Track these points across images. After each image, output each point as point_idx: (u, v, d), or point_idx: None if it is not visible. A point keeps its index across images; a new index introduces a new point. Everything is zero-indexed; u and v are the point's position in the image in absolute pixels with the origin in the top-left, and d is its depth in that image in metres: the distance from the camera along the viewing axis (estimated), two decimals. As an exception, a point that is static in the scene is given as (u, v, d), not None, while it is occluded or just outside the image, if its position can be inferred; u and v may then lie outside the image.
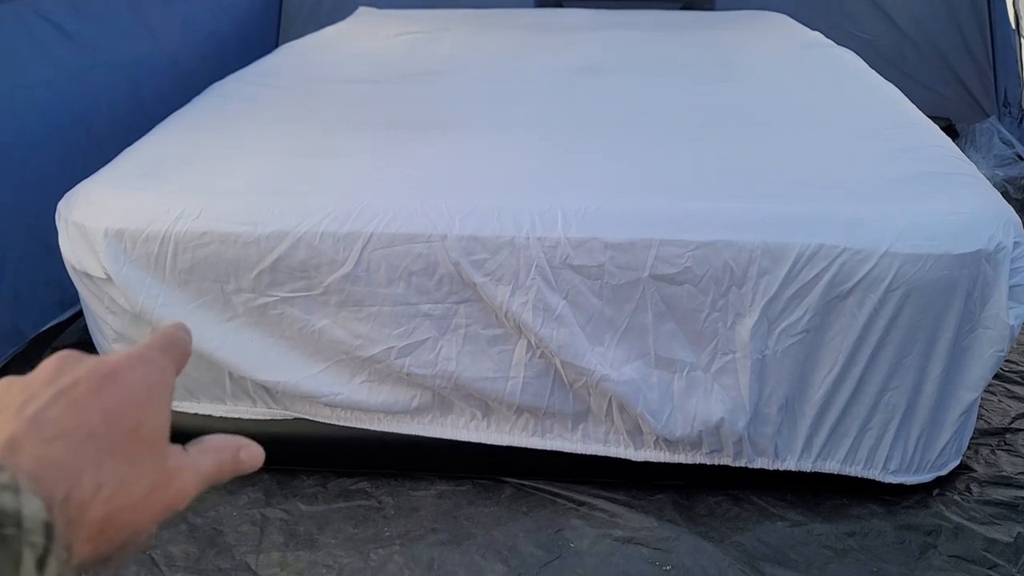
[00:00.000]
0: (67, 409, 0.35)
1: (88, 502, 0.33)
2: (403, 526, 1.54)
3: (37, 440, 0.33)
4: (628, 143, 1.68)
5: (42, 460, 0.33)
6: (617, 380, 1.46)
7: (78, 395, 0.35)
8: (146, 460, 0.36)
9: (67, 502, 0.32)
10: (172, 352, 0.41)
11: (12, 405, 0.35)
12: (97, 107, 1.97)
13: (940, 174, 1.52)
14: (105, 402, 0.35)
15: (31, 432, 0.33)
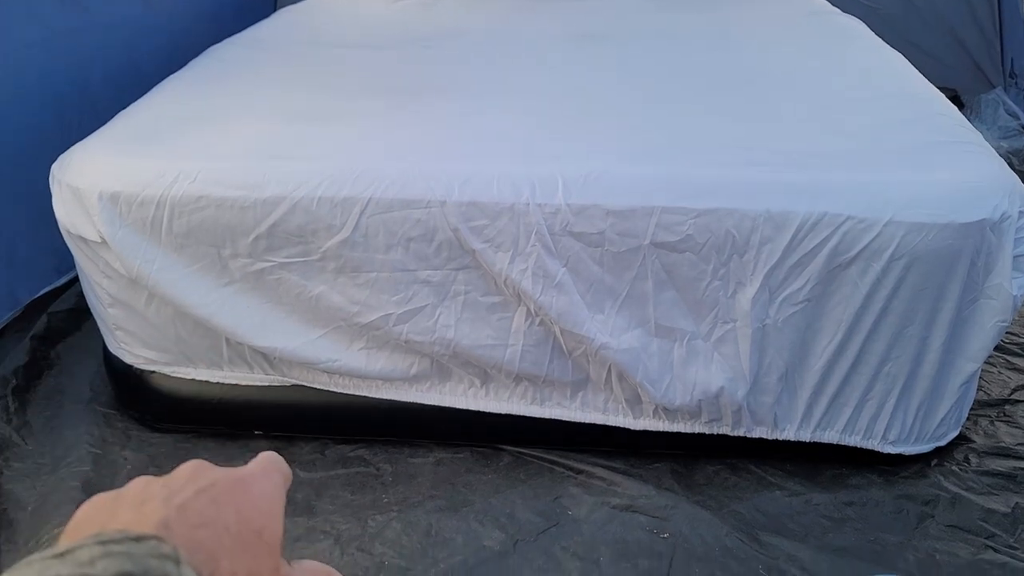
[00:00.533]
0: (208, 504, 0.38)
1: None
2: (401, 493, 1.54)
3: (185, 525, 0.37)
4: (630, 110, 1.66)
5: (190, 542, 0.36)
6: (617, 348, 1.45)
7: (216, 494, 0.39)
8: (267, 561, 0.39)
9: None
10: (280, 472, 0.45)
11: (158, 496, 0.38)
12: (91, 68, 1.95)
13: (945, 143, 1.50)
14: (238, 504, 0.39)
15: (180, 518, 0.37)
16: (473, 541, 1.44)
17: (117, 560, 0.31)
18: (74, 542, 0.33)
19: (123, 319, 1.58)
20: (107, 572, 0.31)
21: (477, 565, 1.40)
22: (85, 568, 0.31)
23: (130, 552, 0.32)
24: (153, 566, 0.32)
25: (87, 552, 0.32)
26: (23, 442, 1.68)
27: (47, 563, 0.31)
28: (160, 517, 0.37)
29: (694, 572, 1.38)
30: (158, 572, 0.32)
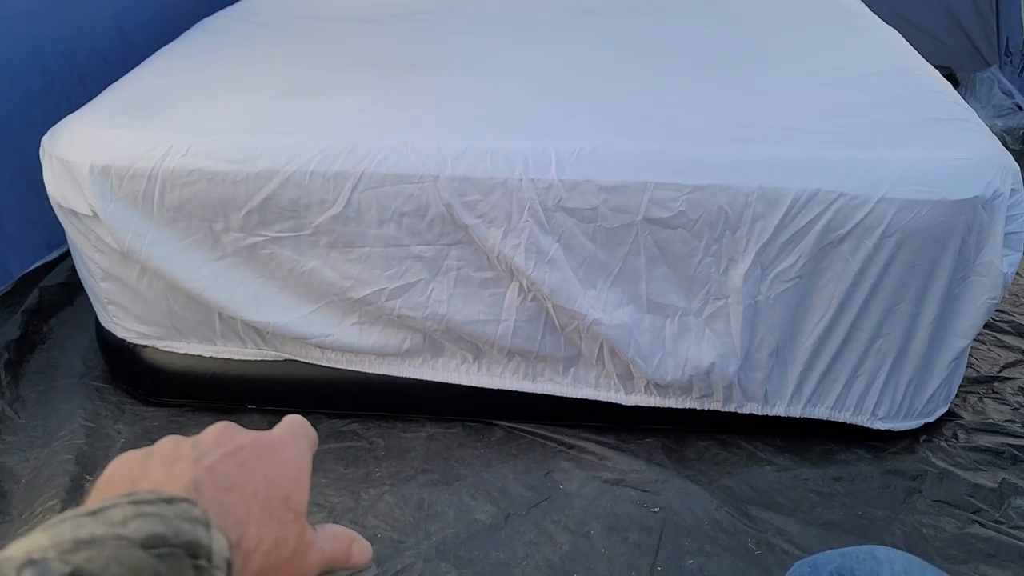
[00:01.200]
0: (237, 468, 0.38)
1: (252, 552, 0.36)
2: (393, 467, 1.55)
3: (214, 488, 0.37)
4: (623, 85, 1.65)
5: (219, 507, 0.36)
6: (609, 324, 1.45)
7: (245, 458, 0.39)
8: (293, 527, 0.39)
9: (238, 548, 0.36)
10: (307, 438, 0.45)
11: (188, 457, 0.38)
12: (79, 40, 1.93)
13: (939, 120, 1.50)
14: (266, 469, 0.39)
15: (209, 481, 0.37)
16: (465, 515, 1.45)
17: (149, 521, 0.32)
18: (107, 500, 0.33)
19: (115, 293, 1.57)
20: (139, 533, 0.31)
21: (469, 538, 1.41)
22: (117, 528, 0.31)
23: (162, 514, 0.32)
24: (184, 529, 0.32)
25: (120, 512, 0.32)
26: (16, 416, 1.68)
27: (80, 520, 0.31)
28: (190, 478, 0.37)
29: (684, 546, 1.40)
30: (189, 535, 0.32)
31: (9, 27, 1.81)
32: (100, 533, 0.31)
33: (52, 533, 0.31)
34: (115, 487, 0.38)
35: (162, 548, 0.31)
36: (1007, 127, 2.65)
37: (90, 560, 0.29)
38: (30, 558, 0.29)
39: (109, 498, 0.34)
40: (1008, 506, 1.47)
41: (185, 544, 0.32)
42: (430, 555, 1.38)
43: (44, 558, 0.29)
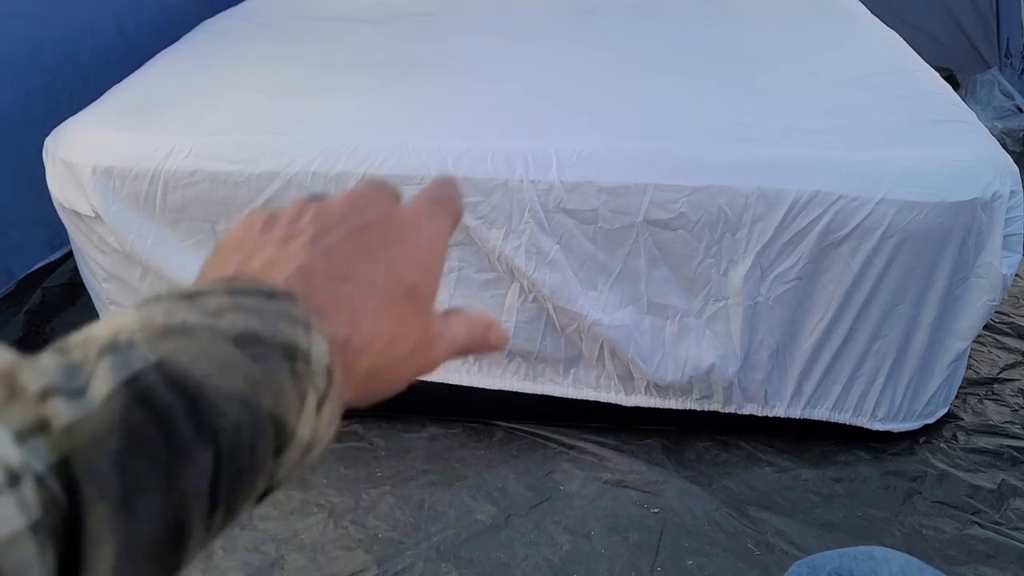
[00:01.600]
0: (358, 252, 0.34)
1: (362, 352, 0.32)
2: (394, 467, 1.56)
3: (327, 275, 0.33)
4: (624, 86, 1.66)
5: (333, 298, 0.32)
6: (609, 325, 1.45)
7: (370, 241, 0.34)
8: (415, 321, 0.35)
9: (347, 346, 0.32)
10: (451, 213, 0.39)
11: (306, 232, 0.34)
12: (81, 41, 1.93)
13: (938, 121, 1.50)
14: (392, 255, 0.34)
15: (323, 265, 0.33)
16: (466, 515, 1.46)
17: (245, 316, 0.29)
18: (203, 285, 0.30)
19: (117, 294, 1.58)
20: (233, 328, 0.28)
21: (469, 539, 1.41)
22: (211, 319, 0.28)
23: (259, 309, 0.29)
24: (282, 329, 0.29)
25: (216, 300, 0.29)
26: (18, 416, 1.69)
27: (174, 304, 0.29)
28: (302, 261, 0.33)
29: (684, 546, 1.40)
30: (286, 336, 0.29)
31: (10, 27, 1.81)
32: (193, 322, 0.28)
33: (144, 314, 0.28)
34: (228, 257, 0.34)
35: (256, 347, 0.28)
36: (1007, 129, 2.65)
37: (178, 351, 0.26)
38: (115, 341, 0.26)
39: (206, 282, 0.31)
40: (1007, 507, 1.47)
41: (282, 346, 0.29)
42: (431, 555, 1.38)
43: (130, 342, 0.26)
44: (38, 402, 0.23)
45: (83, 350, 0.26)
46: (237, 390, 0.27)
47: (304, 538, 1.41)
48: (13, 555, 0.20)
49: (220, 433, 0.26)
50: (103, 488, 0.23)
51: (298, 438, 0.29)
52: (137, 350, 0.26)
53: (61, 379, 0.24)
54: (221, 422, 0.26)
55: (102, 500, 0.23)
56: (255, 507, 0.30)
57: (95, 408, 0.23)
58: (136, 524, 0.23)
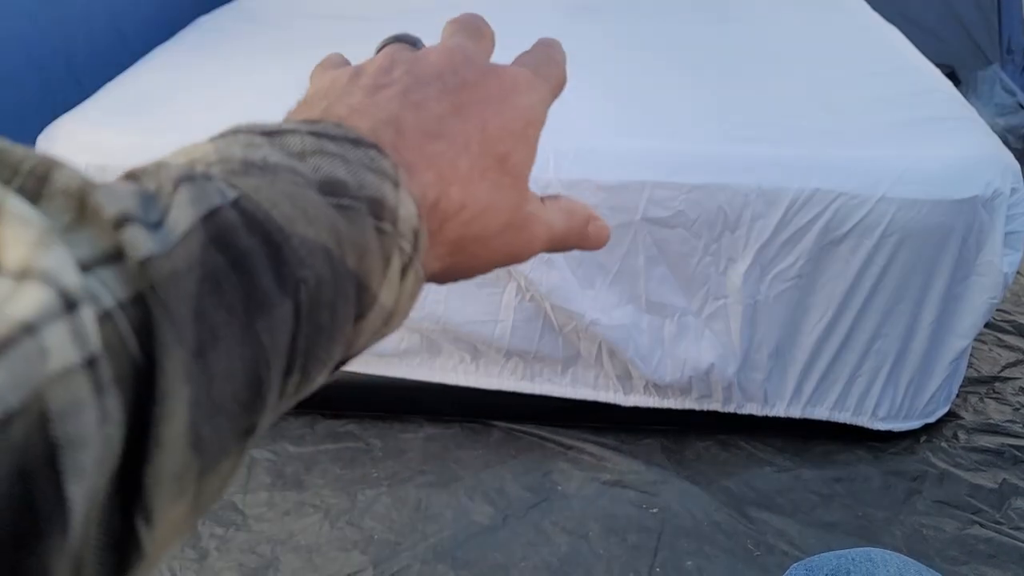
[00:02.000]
0: (452, 111, 0.31)
1: (451, 218, 0.30)
2: (391, 468, 1.55)
3: (418, 131, 0.30)
4: (622, 83, 1.64)
5: (422, 155, 0.29)
6: (607, 324, 1.44)
7: (465, 100, 0.31)
8: (508, 194, 0.32)
9: (434, 210, 0.29)
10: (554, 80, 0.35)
11: (397, 84, 0.31)
12: (75, 39, 1.92)
13: (939, 119, 1.49)
14: (487, 117, 0.31)
15: (415, 121, 0.30)
16: (463, 516, 1.45)
17: (330, 162, 0.26)
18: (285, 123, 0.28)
19: (111, 293, 1.56)
20: (317, 173, 0.26)
21: (466, 540, 1.40)
22: (294, 161, 0.26)
23: (346, 156, 0.27)
24: (369, 181, 0.26)
25: (299, 140, 0.27)
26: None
27: (253, 139, 0.26)
28: (391, 112, 0.30)
29: (682, 547, 1.39)
30: (373, 190, 0.26)
31: (4, 25, 1.80)
32: (274, 160, 0.25)
33: (222, 145, 0.25)
34: (313, 103, 0.32)
35: (342, 198, 0.25)
36: (1009, 125, 2.64)
37: (259, 189, 0.23)
38: (191, 172, 0.23)
39: (288, 120, 0.28)
40: (1008, 507, 1.46)
41: (368, 200, 0.26)
42: (427, 557, 1.37)
43: (207, 174, 0.23)
44: (113, 229, 0.20)
45: (156, 178, 0.22)
46: (321, 241, 0.24)
47: (300, 539, 1.40)
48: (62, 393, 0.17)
49: (302, 285, 0.23)
50: (181, 333, 0.20)
51: (379, 304, 0.27)
52: (216, 183, 0.23)
53: (138, 206, 0.21)
54: (303, 274, 0.23)
55: (180, 347, 0.20)
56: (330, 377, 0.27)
57: (174, 243, 0.20)
58: (212, 377, 0.21)
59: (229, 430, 0.22)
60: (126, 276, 0.20)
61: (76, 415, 0.17)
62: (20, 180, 0.20)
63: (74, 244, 0.19)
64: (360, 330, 0.27)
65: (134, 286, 0.20)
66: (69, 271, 0.18)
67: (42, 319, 0.17)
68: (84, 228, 0.20)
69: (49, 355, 0.17)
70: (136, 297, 0.19)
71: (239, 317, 0.21)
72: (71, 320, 0.17)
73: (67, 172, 0.20)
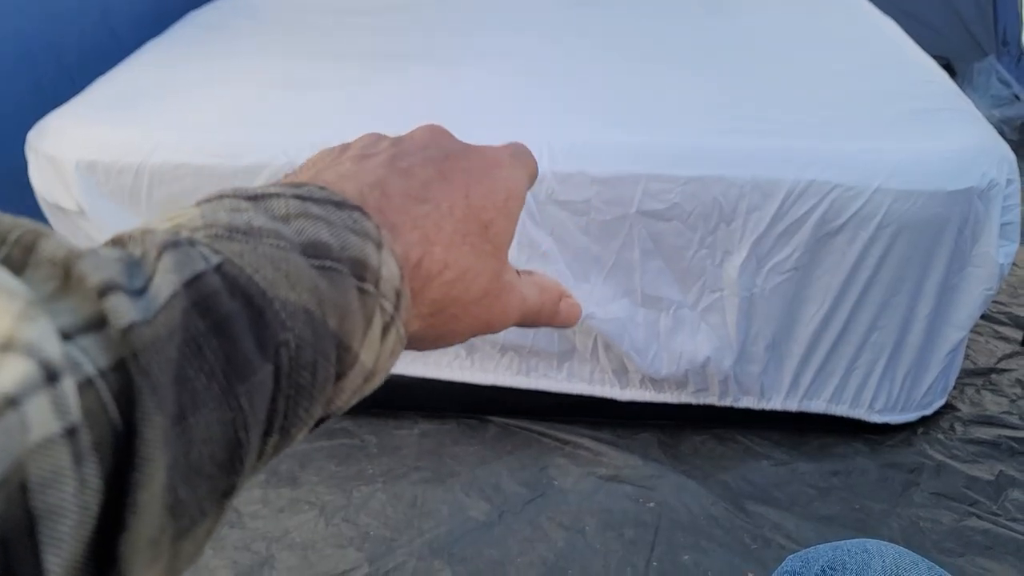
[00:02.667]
0: (436, 177, 0.32)
1: (434, 278, 0.31)
2: (386, 464, 1.54)
3: (403, 195, 0.31)
4: (617, 76, 1.63)
5: (404, 217, 0.30)
6: (603, 318, 1.44)
7: (449, 168, 0.33)
8: (489, 261, 0.33)
9: (417, 269, 0.30)
10: (529, 168, 0.37)
11: (384, 153, 0.32)
12: (66, 34, 1.90)
13: (935, 110, 1.48)
14: (470, 185, 0.33)
15: (400, 185, 0.31)
16: (458, 512, 1.44)
17: (313, 224, 0.27)
18: (270, 187, 0.28)
19: (103, 290, 1.55)
20: (301, 236, 0.26)
21: (462, 536, 1.40)
22: (278, 224, 0.26)
23: (329, 219, 0.27)
24: (352, 243, 0.27)
25: (283, 204, 0.27)
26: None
27: (238, 203, 0.26)
28: (378, 177, 0.31)
29: (679, 541, 1.39)
30: (356, 251, 0.27)
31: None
32: (258, 224, 0.25)
33: (208, 209, 0.26)
34: (300, 173, 0.33)
35: (325, 260, 0.26)
36: (1005, 117, 2.64)
37: (242, 254, 0.24)
38: (175, 238, 0.23)
39: (273, 184, 0.29)
40: (1005, 498, 1.46)
41: (351, 261, 0.27)
42: (423, 553, 1.37)
43: (192, 240, 0.24)
44: (97, 297, 0.20)
45: (142, 244, 0.23)
46: (302, 303, 0.24)
47: (295, 536, 1.40)
48: (41, 464, 0.17)
49: (283, 348, 0.24)
50: (161, 400, 0.20)
51: (360, 363, 0.27)
52: (200, 249, 0.23)
53: (122, 274, 0.21)
54: (284, 337, 0.24)
55: (159, 413, 0.20)
56: (308, 434, 0.27)
57: (156, 310, 0.21)
58: (191, 441, 0.21)
59: (207, 492, 0.22)
60: (108, 343, 0.20)
61: (55, 485, 0.17)
62: (7, 249, 0.21)
63: (58, 313, 0.20)
64: (340, 389, 0.27)
65: (116, 353, 0.20)
66: (51, 342, 0.18)
67: (24, 391, 0.17)
68: (68, 296, 0.20)
69: (30, 427, 0.17)
70: (118, 364, 0.20)
71: (219, 381, 0.22)
72: (52, 391, 0.18)
73: (53, 242, 0.21)
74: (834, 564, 0.69)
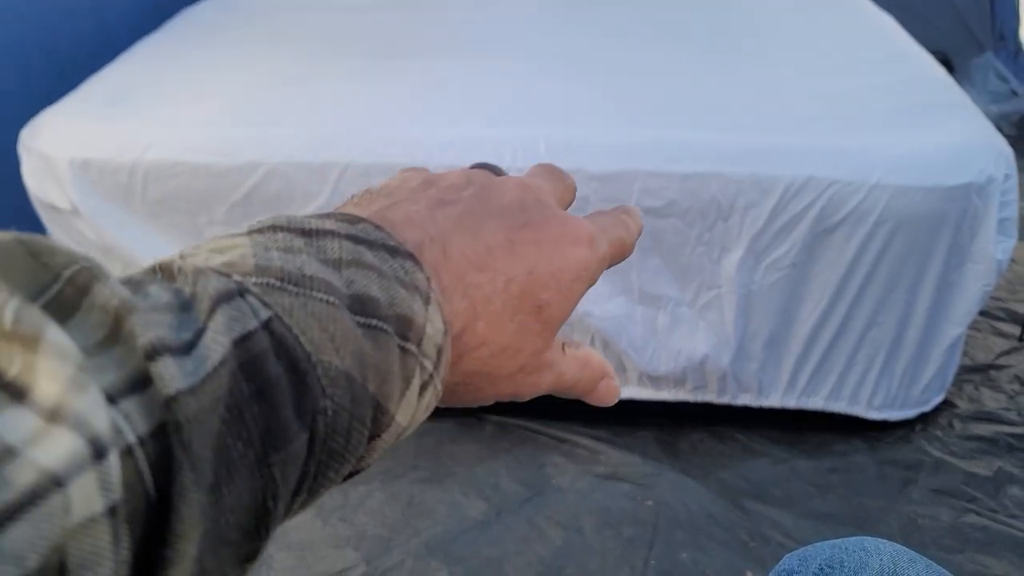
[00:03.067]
0: (505, 245, 0.30)
1: (471, 352, 0.29)
2: (383, 464, 1.53)
3: (465, 259, 0.29)
4: (613, 72, 1.63)
5: (461, 282, 0.28)
6: (600, 316, 1.43)
7: (520, 239, 0.30)
8: (533, 340, 0.31)
9: (457, 341, 0.28)
10: (619, 245, 0.34)
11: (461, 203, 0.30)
12: (59, 30, 1.89)
13: (932, 105, 1.48)
14: (538, 264, 0.30)
15: (465, 245, 0.29)
16: (456, 511, 1.43)
17: (365, 276, 0.25)
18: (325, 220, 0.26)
19: (98, 289, 1.55)
20: (351, 288, 0.25)
21: (460, 535, 1.39)
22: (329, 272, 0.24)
23: (381, 269, 0.26)
24: (401, 299, 0.25)
25: (337, 246, 0.25)
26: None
27: (291, 239, 0.25)
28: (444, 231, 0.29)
29: (678, 539, 1.38)
30: (404, 308, 0.25)
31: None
32: (310, 272, 0.24)
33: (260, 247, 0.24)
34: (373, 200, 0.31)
35: (371, 318, 0.25)
36: (1002, 112, 2.63)
37: (292, 311, 0.23)
38: (229, 287, 0.22)
39: (330, 216, 0.27)
40: (1003, 495, 1.46)
41: (397, 319, 0.25)
42: (420, 552, 1.36)
43: (244, 289, 0.22)
44: (144, 358, 0.19)
45: (192, 285, 0.22)
46: (345, 368, 0.23)
47: (292, 536, 1.39)
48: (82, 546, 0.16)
49: (319, 416, 0.23)
50: (200, 474, 0.19)
51: (396, 424, 0.26)
52: (250, 301, 0.22)
53: (172, 327, 0.20)
54: (323, 404, 0.23)
55: (197, 488, 0.19)
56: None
57: (204, 377, 0.20)
58: (222, 512, 0.20)
59: (230, 559, 0.21)
60: (152, 408, 0.19)
61: (93, 567, 0.17)
62: (59, 286, 0.20)
63: (103, 368, 0.19)
64: (373, 448, 0.26)
65: (158, 418, 0.19)
66: (100, 414, 0.17)
67: (71, 471, 0.16)
68: (115, 348, 0.19)
69: (73, 508, 0.16)
70: (158, 429, 0.19)
71: (256, 450, 0.21)
72: (98, 469, 0.17)
73: (108, 288, 0.20)
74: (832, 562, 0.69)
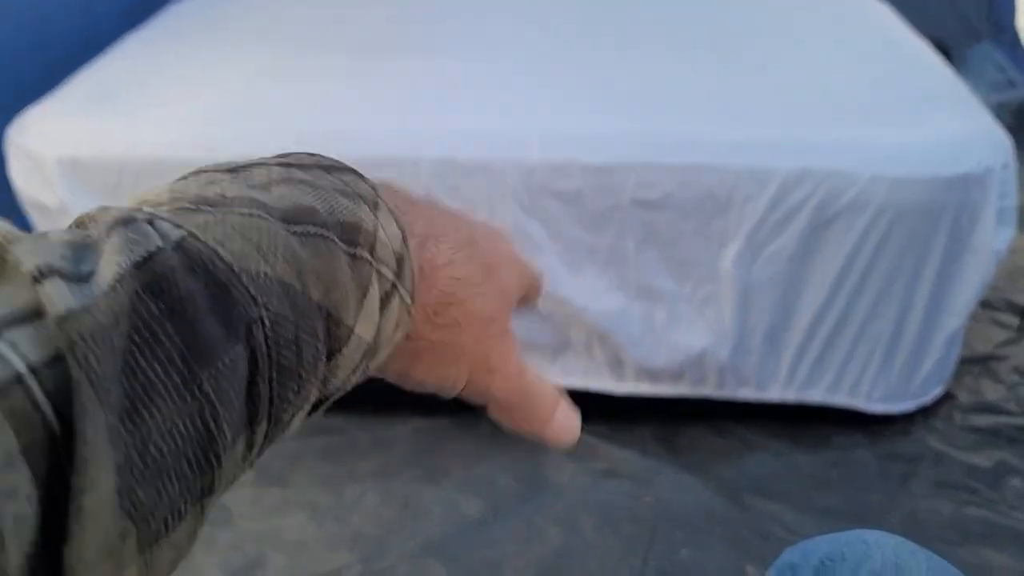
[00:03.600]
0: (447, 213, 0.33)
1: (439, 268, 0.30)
2: (378, 463, 1.52)
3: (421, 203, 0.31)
4: (608, 64, 1.61)
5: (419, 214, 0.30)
6: (597, 311, 1.41)
7: (462, 219, 0.33)
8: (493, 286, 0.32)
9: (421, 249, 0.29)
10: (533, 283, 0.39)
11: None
12: (46, 25, 1.87)
13: (929, 96, 1.46)
14: (483, 237, 0.33)
15: (423, 205, 0.31)
16: (452, 510, 1.42)
17: (297, 189, 0.24)
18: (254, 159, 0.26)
19: (88, 289, 1.53)
20: (281, 202, 0.24)
21: (456, 535, 1.38)
22: (256, 192, 0.24)
23: (316, 183, 0.25)
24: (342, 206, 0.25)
25: (263, 172, 0.25)
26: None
27: (215, 176, 0.25)
28: (407, 198, 0.30)
29: (677, 537, 1.37)
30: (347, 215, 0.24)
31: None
32: (232, 195, 0.23)
33: (180, 184, 0.24)
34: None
35: (308, 225, 0.24)
36: (1001, 102, 2.62)
37: (207, 226, 0.22)
38: (129, 215, 0.21)
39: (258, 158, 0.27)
40: (1004, 487, 1.45)
41: (340, 225, 0.24)
42: (416, 553, 1.35)
43: (151, 216, 0.22)
44: (31, 284, 0.18)
45: (96, 225, 0.21)
46: (277, 275, 0.22)
47: (286, 537, 1.37)
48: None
49: (255, 326, 0.21)
50: (104, 394, 0.18)
51: (357, 338, 0.25)
52: (159, 224, 0.21)
53: (64, 258, 0.19)
54: (256, 313, 0.21)
55: (102, 409, 0.18)
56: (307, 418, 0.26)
57: (98, 295, 0.19)
58: (148, 438, 0.19)
59: (179, 492, 0.20)
60: (43, 336, 0.18)
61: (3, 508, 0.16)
62: None
63: None
64: (336, 366, 0.25)
65: (52, 345, 0.18)
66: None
67: None
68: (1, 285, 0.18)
69: None
70: (55, 358, 0.18)
71: (178, 369, 0.19)
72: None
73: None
74: (833, 556, 0.68)
